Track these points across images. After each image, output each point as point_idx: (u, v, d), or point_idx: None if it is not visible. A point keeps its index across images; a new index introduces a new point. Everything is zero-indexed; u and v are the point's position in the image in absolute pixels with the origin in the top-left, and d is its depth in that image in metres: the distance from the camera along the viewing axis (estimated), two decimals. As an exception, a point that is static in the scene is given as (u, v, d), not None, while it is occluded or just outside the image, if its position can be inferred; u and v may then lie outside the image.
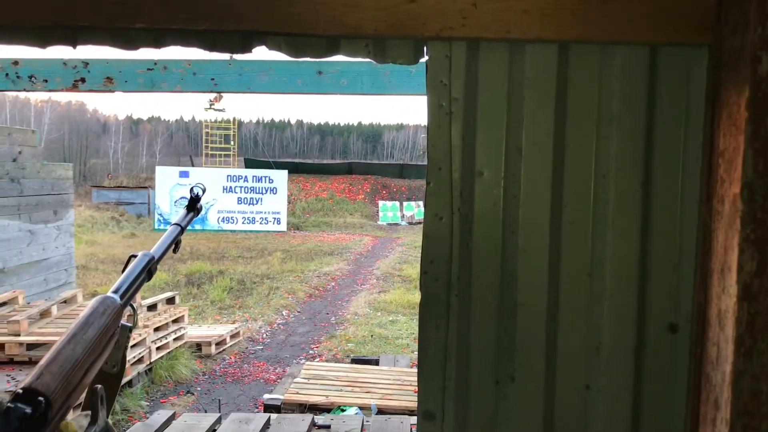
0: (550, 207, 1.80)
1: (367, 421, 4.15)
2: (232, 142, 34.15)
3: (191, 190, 1.72)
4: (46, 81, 3.76)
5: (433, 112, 1.79)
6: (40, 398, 0.77)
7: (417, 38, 1.77)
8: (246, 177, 25.99)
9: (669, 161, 1.77)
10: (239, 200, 25.61)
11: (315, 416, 4.21)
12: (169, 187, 25.19)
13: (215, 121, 34.84)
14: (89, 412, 1.09)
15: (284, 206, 25.97)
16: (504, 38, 1.73)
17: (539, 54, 1.77)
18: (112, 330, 1.03)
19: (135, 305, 1.30)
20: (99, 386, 1.13)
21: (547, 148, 1.79)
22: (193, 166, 33.19)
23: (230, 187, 25.60)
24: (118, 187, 31.31)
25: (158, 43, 1.80)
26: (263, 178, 25.93)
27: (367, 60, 1.82)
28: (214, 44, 1.79)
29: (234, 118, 34.95)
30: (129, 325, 1.24)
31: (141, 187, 30.85)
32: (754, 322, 1.42)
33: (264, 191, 25.77)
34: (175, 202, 25.06)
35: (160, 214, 25.18)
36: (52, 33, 1.81)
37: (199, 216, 1.73)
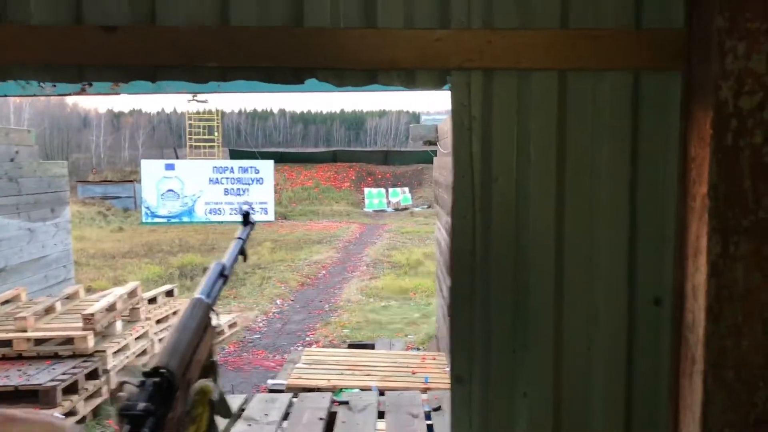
0: (555, 204, 2.20)
1: (382, 397, 4.54)
2: (216, 134, 34.16)
3: (240, 209, 2.07)
4: (55, 86, 3.98)
5: (457, 129, 2.17)
6: (164, 372, 1.13)
7: (442, 69, 2.14)
8: (232, 168, 26.05)
9: (652, 164, 2.17)
10: (226, 191, 25.68)
11: (333, 393, 4.58)
12: (155, 181, 25.18)
13: (198, 113, 34.81)
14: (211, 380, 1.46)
15: (271, 196, 26.10)
16: (514, 68, 2.11)
17: (543, 80, 2.16)
18: (205, 321, 1.39)
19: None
20: (215, 359, 1.50)
21: (551, 156, 2.18)
22: (177, 158, 33.23)
23: (216, 179, 25.66)
24: (104, 181, 31.25)
25: (225, 77, 2.16)
26: (249, 169, 26.02)
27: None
28: (272, 78, 2.15)
29: (217, 110, 34.93)
30: (215, 324, 1.62)
31: (126, 181, 30.80)
32: (720, 293, 1.83)
33: (250, 182, 25.86)
34: (162, 195, 25.16)
35: (148, 207, 25.20)
36: (134, 70, 2.16)
37: (252, 227, 2.06)
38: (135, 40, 2.08)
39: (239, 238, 2.01)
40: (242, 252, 2.04)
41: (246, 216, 2.12)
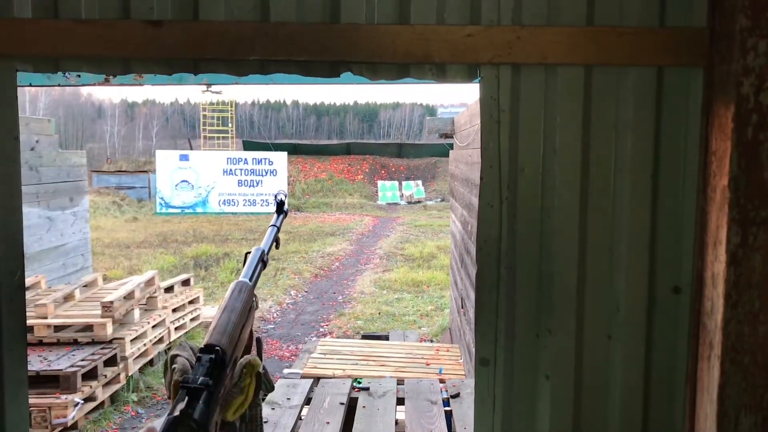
0: (579, 195, 2.29)
1: (401, 385, 4.65)
2: (230, 125, 34.33)
3: (275, 197, 2.16)
4: (79, 76, 3.99)
5: (486, 121, 2.26)
6: (217, 348, 1.23)
7: (472, 64, 2.24)
8: (246, 159, 26.18)
9: (673, 158, 2.26)
10: (240, 183, 25.84)
11: (353, 381, 4.70)
12: (170, 171, 25.35)
13: (212, 104, 35.00)
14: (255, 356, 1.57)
15: (285, 188, 26.21)
16: (541, 63, 2.20)
17: (569, 75, 2.24)
18: (249, 303, 1.49)
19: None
20: (259, 337, 1.61)
21: (576, 149, 2.27)
22: (191, 149, 33.41)
23: (230, 170, 25.80)
24: (118, 171, 31.44)
25: (264, 70, 2.26)
26: (263, 160, 26.13)
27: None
28: (309, 71, 2.25)
29: (231, 101, 35.07)
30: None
31: (141, 171, 31.00)
32: (739, 281, 1.91)
33: (264, 173, 25.98)
34: (176, 185, 25.34)
35: (162, 198, 25.39)
36: (178, 63, 2.26)
37: (285, 215, 2.14)
38: (179, 34, 2.18)
39: (273, 225, 2.11)
40: (276, 239, 2.14)
41: (280, 204, 2.22)
